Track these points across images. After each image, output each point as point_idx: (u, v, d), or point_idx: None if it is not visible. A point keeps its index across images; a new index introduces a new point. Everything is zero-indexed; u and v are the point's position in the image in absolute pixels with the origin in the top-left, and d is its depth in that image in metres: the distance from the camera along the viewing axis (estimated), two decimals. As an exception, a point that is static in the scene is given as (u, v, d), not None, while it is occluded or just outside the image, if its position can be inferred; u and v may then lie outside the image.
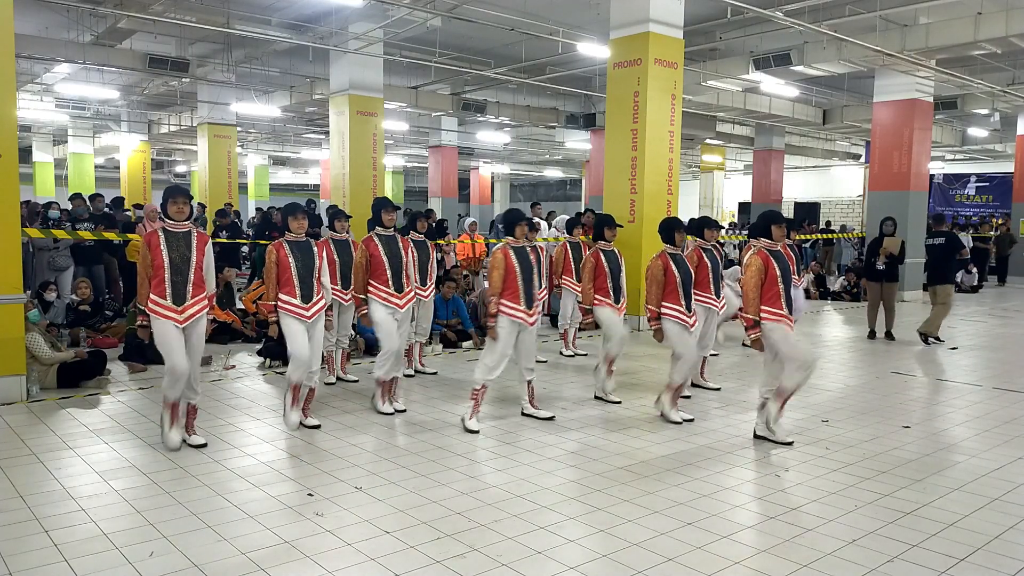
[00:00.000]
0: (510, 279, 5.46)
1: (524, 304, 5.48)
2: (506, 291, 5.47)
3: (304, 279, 5.36)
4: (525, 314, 5.48)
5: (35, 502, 4.01)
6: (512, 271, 5.46)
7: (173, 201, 4.94)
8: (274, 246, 5.41)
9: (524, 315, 5.48)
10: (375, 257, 5.92)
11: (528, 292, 5.50)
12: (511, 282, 5.46)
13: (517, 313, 5.45)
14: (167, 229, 4.92)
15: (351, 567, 3.35)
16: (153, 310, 4.82)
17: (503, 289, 5.46)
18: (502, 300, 5.46)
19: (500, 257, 5.49)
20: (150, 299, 4.84)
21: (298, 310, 5.34)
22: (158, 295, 4.83)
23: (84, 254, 10.00)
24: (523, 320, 5.48)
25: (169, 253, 4.85)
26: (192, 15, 12.09)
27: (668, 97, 10.04)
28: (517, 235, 5.59)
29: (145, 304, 4.88)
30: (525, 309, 5.48)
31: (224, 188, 18.62)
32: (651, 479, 4.50)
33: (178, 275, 4.86)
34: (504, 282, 5.46)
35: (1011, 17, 10.92)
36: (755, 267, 5.11)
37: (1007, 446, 5.25)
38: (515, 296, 5.45)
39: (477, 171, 31.83)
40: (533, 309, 5.56)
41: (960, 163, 27.80)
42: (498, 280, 5.46)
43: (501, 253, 5.51)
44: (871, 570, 3.38)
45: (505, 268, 5.46)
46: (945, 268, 9.59)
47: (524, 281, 5.48)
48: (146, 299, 4.87)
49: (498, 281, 5.47)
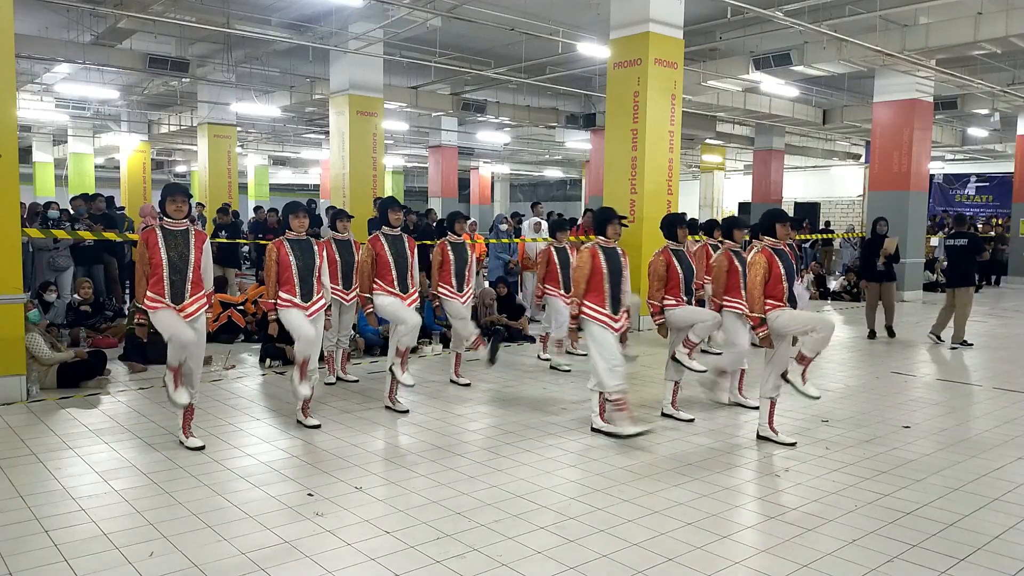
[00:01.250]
0: (596, 281, 5.17)
1: (610, 308, 5.19)
2: (590, 293, 5.19)
3: (304, 278, 5.36)
4: (610, 319, 5.19)
5: (35, 502, 4.01)
6: (599, 272, 5.16)
7: (172, 199, 4.91)
8: (275, 244, 5.42)
9: (609, 320, 5.19)
10: (381, 257, 5.90)
11: (615, 296, 5.22)
12: (596, 284, 5.17)
13: (601, 317, 5.18)
14: (165, 227, 4.91)
15: (351, 567, 3.35)
16: (151, 306, 4.83)
17: (587, 291, 5.19)
18: (585, 302, 5.19)
19: (587, 257, 5.20)
20: (148, 296, 4.84)
21: (298, 309, 5.34)
22: (156, 293, 4.83)
23: (84, 254, 10.00)
24: (608, 326, 5.19)
25: (167, 252, 4.84)
26: (192, 15, 12.09)
27: (668, 97, 10.04)
28: (609, 235, 5.28)
29: (142, 302, 4.87)
30: (611, 314, 5.19)
31: (224, 188, 18.61)
32: (651, 479, 4.50)
33: (176, 274, 4.85)
34: (589, 284, 5.19)
35: (1011, 17, 10.92)
36: (759, 265, 5.10)
37: (1007, 446, 5.25)
38: (600, 299, 5.18)
39: (477, 171, 31.84)
40: (620, 315, 5.25)
41: (960, 163, 27.78)
42: (582, 281, 5.18)
43: (589, 253, 5.21)
44: (871, 570, 3.38)
45: (592, 269, 5.17)
46: (966, 269, 9.44)
47: (612, 285, 5.19)
48: (143, 297, 4.87)
49: (582, 282, 5.19)
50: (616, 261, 5.29)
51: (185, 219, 4.98)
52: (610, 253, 5.26)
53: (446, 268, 6.64)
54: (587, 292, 5.21)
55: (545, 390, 6.81)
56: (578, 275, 5.24)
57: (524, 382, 7.16)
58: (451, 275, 6.64)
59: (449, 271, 6.64)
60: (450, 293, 6.64)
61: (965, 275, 9.40)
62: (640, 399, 6.42)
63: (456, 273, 6.66)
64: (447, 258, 6.65)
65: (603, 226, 5.30)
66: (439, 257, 6.65)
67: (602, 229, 5.30)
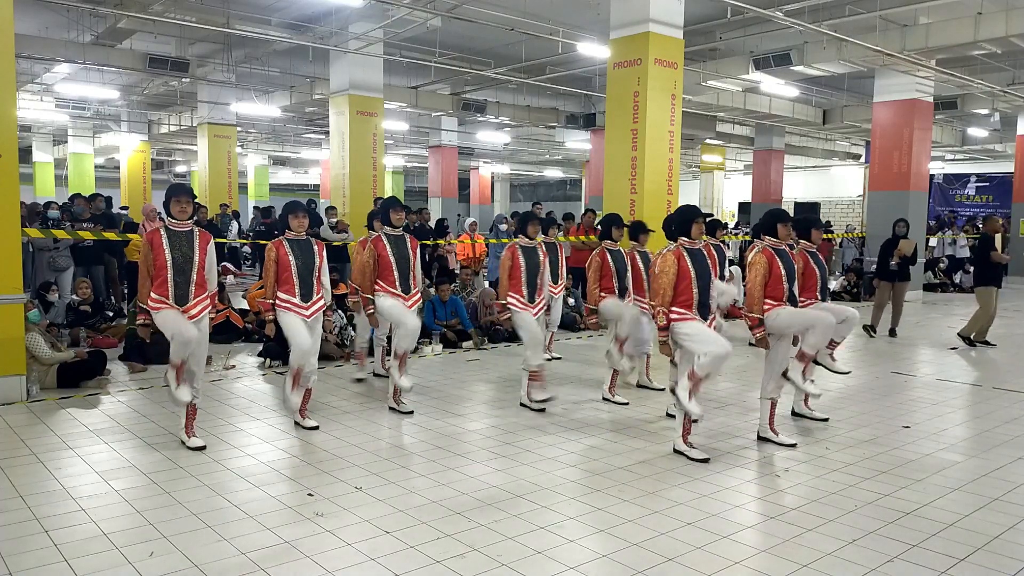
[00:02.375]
0: (685, 285, 4.80)
1: (697, 312, 4.82)
2: (679, 298, 4.80)
3: (304, 278, 5.35)
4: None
5: (35, 502, 4.01)
6: (687, 275, 4.80)
7: (176, 200, 4.87)
8: (274, 244, 5.40)
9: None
10: (383, 258, 5.81)
11: (703, 299, 4.84)
12: (686, 288, 4.80)
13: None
14: (169, 228, 4.88)
15: (351, 567, 3.35)
16: (155, 307, 4.80)
17: (675, 295, 4.80)
18: (673, 309, 4.79)
19: (672, 259, 4.83)
20: (151, 297, 4.82)
21: (297, 309, 5.33)
22: (160, 295, 4.82)
23: (83, 254, 10.00)
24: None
25: (172, 253, 4.81)
26: (192, 15, 12.09)
27: (668, 97, 10.03)
28: (694, 234, 4.91)
29: (146, 302, 4.85)
30: (699, 318, 4.83)
31: (224, 188, 18.62)
32: (651, 479, 4.50)
33: (180, 275, 4.83)
34: (677, 287, 4.80)
35: (1011, 17, 10.92)
36: (760, 265, 5.08)
37: (1007, 446, 5.25)
38: (689, 304, 4.80)
39: (477, 171, 31.84)
40: (709, 321, 4.88)
41: (960, 163, 27.78)
42: (668, 286, 4.79)
43: (674, 255, 4.85)
44: (871, 570, 3.38)
45: (679, 272, 4.80)
46: (980, 269, 9.38)
47: (699, 289, 4.82)
48: (147, 298, 4.85)
49: (668, 287, 4.79)
50: (703, 263, 4.89)
51: (190, 220, 4.93)
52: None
53: (516, 275, 5.98)
54: (675, 297, 4.81)
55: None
56: (663, 281, 4.80)
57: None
58: (521, 283, 5.98)
59: (520, 279, 5.98)
60: (520, 304, 5.98)
61: (979, 275, 9.36)
62: (638, 401, 6.42)
63: (528, 282, 5.99)
64: (517, 263, 5.99)
65: (687, 226, 4.92)
66: (508, 262, 6.00)
67: (686, 230, 4.92)
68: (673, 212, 5.37)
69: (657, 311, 4.81)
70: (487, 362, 8.15)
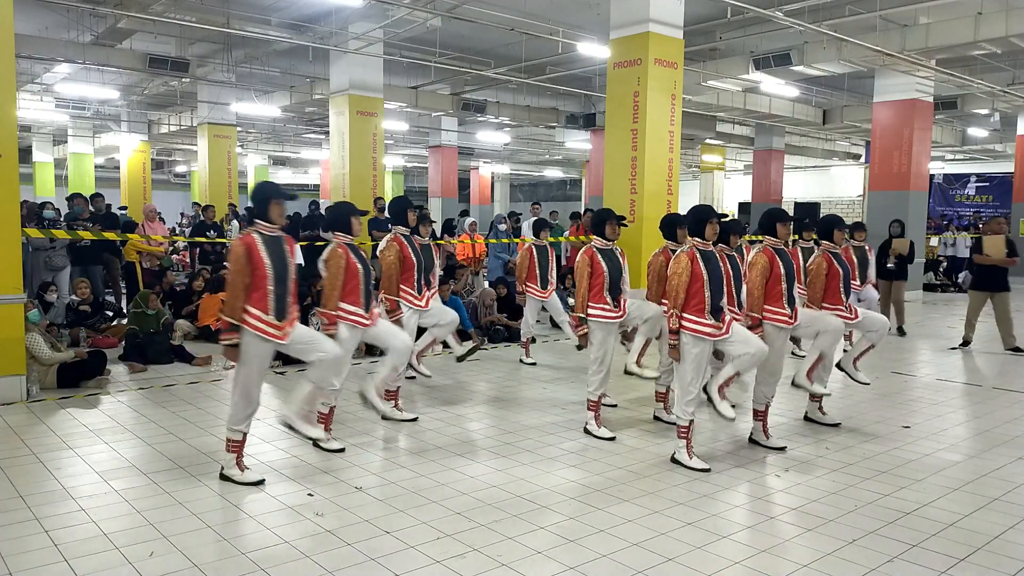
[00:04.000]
0: (697, 288, 4.54)
1: (710, 317, 4.58)
2: (690, 301, 4.54)
3: (366, 287, 5.07)
4: (713, 328, 4.58)
5: (35, 502, 4.01)
6: (699, 278, 4.54)
7: (276, 202, 4.27)
8: (342, 249, 4.94)
9: (712, 329, 4.58)
10: (407, 259, 5.74)
11: (715, 304, 4.57)
12: (698, 291, 4.53)
13: (703, 329, 4.56)
14: (263, 233, 4.25)
15: (351, 567, 3.35)
16: (253, 324, 4.18)
17: (687, 299, 4.55)
18: (684, 315, 4.56)
19: (686, 261, 4.55)
20: (248, 312, 4.19)
21: (362, 320, 4.97)
22: (260, 309, 4.19)
23: (82, 254, 9.99)
24: (709, 337, 4.59)
25: (272, 262, 4.22)
26: (192, 15, 12.09)
27: (668, 97, 10.03)
28: (708, 235, 4.63)
29: (238, 317, 4.19)
30: (713, 323, 4.58)
31: (224, 188, 18.60)
32: (651, 479, 4.50)
33: (280, 286, 4.23)
34: (688, 290, 4.53)
35: (1011, 17, 10.92)
36: (760, 265, 5.07)
37: (1007, 446, 5.25)
38: (701, 308, 4.55)
39: (477, 171, 31.82)
40: (721, 321, 4.62)
41: (960, 163, 27.78)
42: (681, 289, 4.53)
43: (687, 257, 4.57)
44: (871, 570, 3.38)
45: (691, 275, 4.54)
46: (992, 273, 9.07)
47: (712, 292, 4.56)
48: (239, 312, 4.19)
49: (681, 290, 4.53)
50: (716, 265, 4.65)
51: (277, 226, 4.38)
52: (709, 256, 4.65)
53: (598, 282, 5.21)
54: (687, 301, 4.57)
55: (545, 390, 6.81)
56: (676, 283, 4.56)
57: (524, 382, 7.16)
58: (603, 290, 5.22)
59: (602, 285, 5.22)
60: (605, 313, 5.24)
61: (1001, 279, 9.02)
62: (638, 402, 6.42)
63: (610, 288, 5.25)
64: (599, 269, 5.23)
65: (701, 226, 4.65)
66: (587, 268, 5.22)
67: (699, 230, 4.64)
68: (671, 212, 5.38)
69: (670, 314, 4.61)
70: (487, 362, 8.15)
